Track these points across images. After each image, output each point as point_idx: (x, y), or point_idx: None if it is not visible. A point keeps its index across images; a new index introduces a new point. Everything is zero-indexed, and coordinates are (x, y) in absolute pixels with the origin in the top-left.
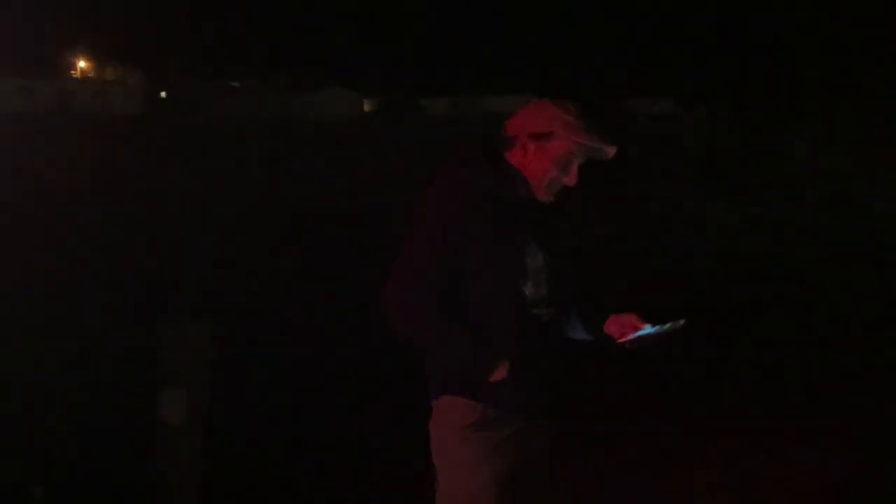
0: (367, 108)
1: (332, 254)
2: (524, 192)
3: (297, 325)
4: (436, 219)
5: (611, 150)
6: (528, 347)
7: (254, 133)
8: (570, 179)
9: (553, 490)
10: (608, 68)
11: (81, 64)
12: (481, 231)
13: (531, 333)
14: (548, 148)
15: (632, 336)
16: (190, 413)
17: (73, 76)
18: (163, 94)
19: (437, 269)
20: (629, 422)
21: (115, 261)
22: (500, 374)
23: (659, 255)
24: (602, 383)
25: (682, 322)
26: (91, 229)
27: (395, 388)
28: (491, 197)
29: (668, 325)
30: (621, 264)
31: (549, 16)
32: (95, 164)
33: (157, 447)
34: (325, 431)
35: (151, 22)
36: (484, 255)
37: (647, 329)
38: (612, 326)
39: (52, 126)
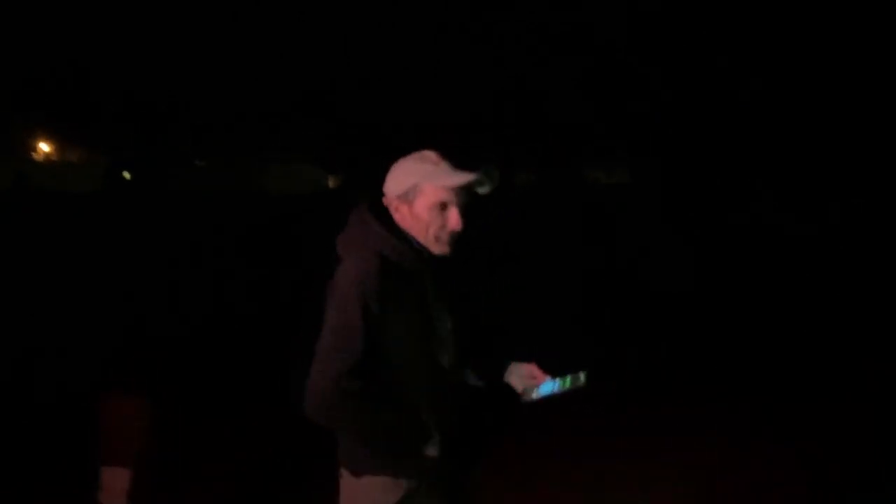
0: (331, 184)
1: (294, 324)
2: (425, 254)
3: (262, 398)
4: (351, 296)
5: (484, 179)
6: (454, 418)
7: (216, 206)
8: (454, 224)
9: None
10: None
11: (43, 147)
12: (395, 303)
13: (455, 403)
14: (416, 203)
15: (535, 396)
16: (132, 492)
17: (35, 158)
18: (126, 174)
19: (359, 347)
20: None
21: (68, 331)
22: (433, 450)
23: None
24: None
25: (583, 375)
26: (43, 302)
27: None
28: (399, 267)
29: (568, 380)
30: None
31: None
32: (52, 238)
33: None
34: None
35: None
36: (401, 328)
37: (550, 386)
38: (512, 377)
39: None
